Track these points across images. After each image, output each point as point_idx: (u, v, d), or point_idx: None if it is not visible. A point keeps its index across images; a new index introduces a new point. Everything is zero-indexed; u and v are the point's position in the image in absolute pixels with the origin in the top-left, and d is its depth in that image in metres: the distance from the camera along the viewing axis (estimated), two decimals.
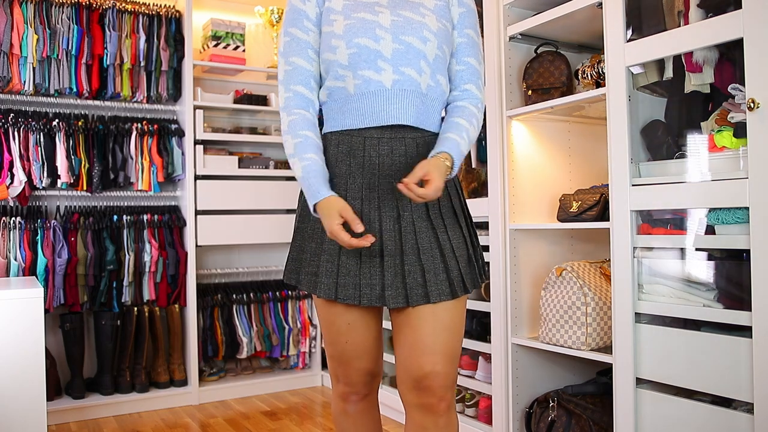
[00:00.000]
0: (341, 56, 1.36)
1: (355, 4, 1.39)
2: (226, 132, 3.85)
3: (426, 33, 1.38)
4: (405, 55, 1.36)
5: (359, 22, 1.36)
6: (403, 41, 1.36)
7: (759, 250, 1.63)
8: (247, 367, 3.90)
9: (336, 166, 1.41)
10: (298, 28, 1.41)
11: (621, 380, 2.00)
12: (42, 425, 2.22)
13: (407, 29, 1.37)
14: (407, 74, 1.36)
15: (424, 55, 1.37)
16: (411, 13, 1.39)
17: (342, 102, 1.40)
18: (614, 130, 2.01)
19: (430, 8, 1.42)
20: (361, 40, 1.35)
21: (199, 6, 3.81)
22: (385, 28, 1.36)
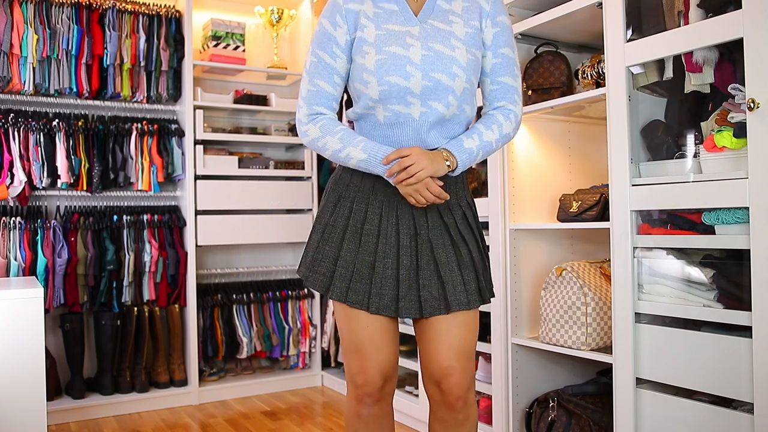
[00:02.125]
0: (372, 91, 1.40)
1: (387, 35, 1.40)
2: (226, 132, 3.85)
3: (455, 69, 1.40)
4: (434, 92, 1.39)
5: (390, 57, 1.38)
6: (432, 78, 1.39)
7: (759, 250, 1.63)
8: (247, 367, 3.90)
9: (362, 180, 1.47)
10: (327, 52, 1.43)
11: (621, 380, 2.00)
12: (42, 425, 2.22)
13: (437, 65, 1.39)
14: (434, 107, 1.40)
15: (452, 90, 1.40)
16: (442, 46, 1.40)
17: (372, 126, 1.46)
18: (614, 130, 2.01)
19: (461, 38, 1.43)
20: (392, 78, 1.38)
21: (199, 6, 3.81)
22: (416, 64, 1.38)
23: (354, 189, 1.48)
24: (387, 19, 1.42)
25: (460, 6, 1.46)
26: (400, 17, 1.42)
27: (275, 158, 3.99)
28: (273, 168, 3.86)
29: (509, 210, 2.46)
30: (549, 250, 2.55)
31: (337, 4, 1.44)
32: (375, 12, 1.42)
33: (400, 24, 1.41)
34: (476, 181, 2.87)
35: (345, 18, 1.42)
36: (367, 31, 1.41)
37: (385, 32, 1.40)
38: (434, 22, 1.42)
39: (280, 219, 3.84)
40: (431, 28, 1.42)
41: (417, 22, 1.42)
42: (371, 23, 1.41)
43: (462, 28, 1.43)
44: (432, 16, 1.43)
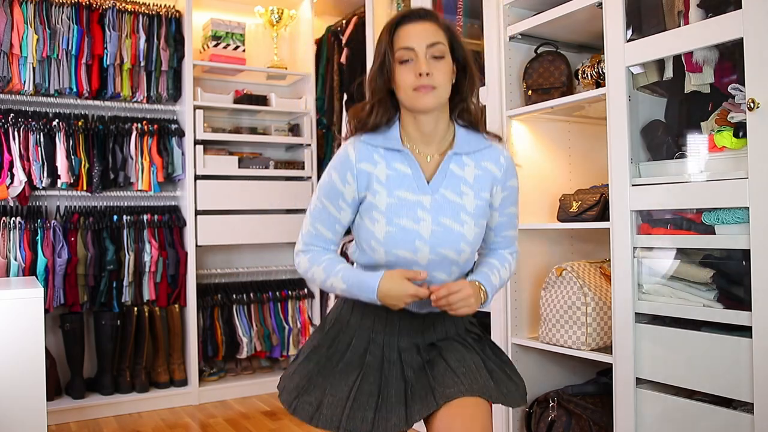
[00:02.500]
0: (379, 257, 1.39)
1: (398, 204, 1.37)
2: (226, 132, 3.85)
3: (463, 245, 1.39)
4: (439, 264, 1.39)
5: (401, 231, 1.36)
6: (439, 253, 1.38)
7: (759, 250, 1.63)
8: (247, 367, 3.90)
9: (362, 320, 1.44)
10: (333, 204, 1.42)
11: (621, 380, 2.00)
12: (42, 425, 2.22)
13: (445, 242, 1.37)
14: (437, 276, 1.40)
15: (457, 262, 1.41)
16: (451, 221, 1.38)
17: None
18: (614, 130, 2.01)
19: (471, 212, 1.40)
20: (400, 251, 1.37)
21: (199, 6, 3.81)
22: (425, 239, 1.36)
23: (353, 327, 1.45)
24: (399, 184, 1.38)
25: (472, 174, 1.42)
26: (413, 184, 1.38)
27: (275, 158, 3.99)
28: (273, 168, 3.86)
29: None
30: (549, 250, 2.55)
31: (349, 161, 1.39)
32: (388, 174, 1.38)
33: (412, 192, 1.38)
34: None
35: (356, 177, 1.38)
36: (378, 197, 1.37)
37: (397, 200, 1.37)
38: (446, 192, 1.39)
39: (280, 219, 3.84)
40: (442, 199, 1.39)
41: (429, 191, 1.38)
42: (383, 189, 1.37)
43: (472, 200, 1.41)
44: (444, 184, 1.40)
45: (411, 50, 1.33)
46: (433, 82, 1.33)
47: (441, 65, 1.35)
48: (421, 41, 1.34)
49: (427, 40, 1.34)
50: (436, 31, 1.36)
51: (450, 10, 2.88)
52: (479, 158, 1.43)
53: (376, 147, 1.39)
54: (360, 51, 3.58)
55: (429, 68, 1.32)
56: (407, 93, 1.34)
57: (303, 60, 4.06)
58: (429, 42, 1.33)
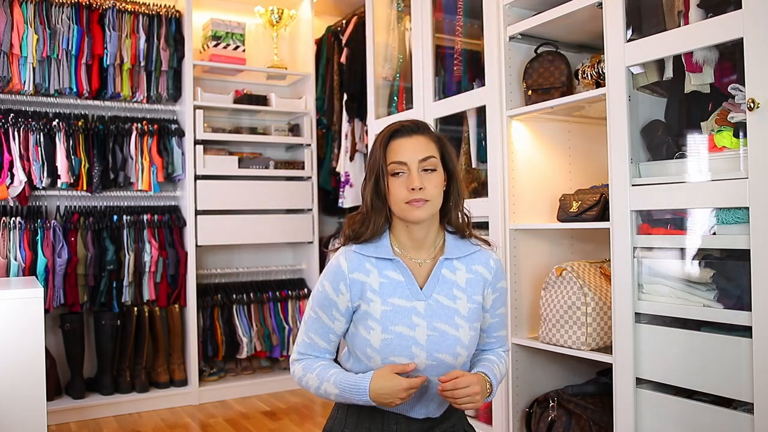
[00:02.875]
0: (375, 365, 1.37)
1: (393, 312, 1.37)
2: (226, 132, 3.85)
3: (459, 349, 1.38)
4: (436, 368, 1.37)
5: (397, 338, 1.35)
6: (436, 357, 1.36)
7: (759, 250, 1.63)
8: (247, 367, 3.90)
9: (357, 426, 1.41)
10: (326, 314, 1.40)
11: (621, 380, 2.00)
12: (42, 425, 2.21)
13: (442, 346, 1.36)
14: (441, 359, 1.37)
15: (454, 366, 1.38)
16: (446, 326, 1.38)
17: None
18: (614, 130, 2.01)
19: (465, 316, 1.40)
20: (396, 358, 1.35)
21: (199, 6, 3.81)
22: (421, 345, 1.36)
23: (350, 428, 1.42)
24: (393, 291, 1.38)
25: (464, 278, 1.43)
26: (406, 291, 1.39)
27: (275, 158, 3.99)
28: (273, 168, 3.86)
29: (509, 210, 2.46)
30: (549, 250, 2.55)
31: (341, 272, 1.39)
32: (381, 282, 1.39)
33: (405, 299, 1.38)
34: (476, 181, 2.87)
35: (349, 288, 1.38)
36: (373, 305, 1.37)
37: (392, 308, 1.37)
38: (439, 297, 1.40)
39: (280, 219, 3.84)
40: (436, 304, 1.39)
41: (423, 297, 1.39)
42: (377, 297, 1.37)
43: (465, 304, 1.41)
44: (437, 289, 1.40)
45: (404, 164, 1.35)
46: (425, 195, 1.34)
47: (433, 178, 1.36)
48: (414, 155, 1.35)
49: (419, 154, 1.35)
50: (428, 145, 1.38)
51: (450, 10, 2.88)
52: (470, 262, 1.44)
53: (368, 257, 1.40)
54: (360, 51, 3.58)
55: (421, 182, 1.33)
56: (400, 206, 1.35)
57: (303, 60, 4.06)
58: (421, 156, 1.35)
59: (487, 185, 2.60)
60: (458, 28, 2.84)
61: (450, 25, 2.88)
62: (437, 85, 2.90)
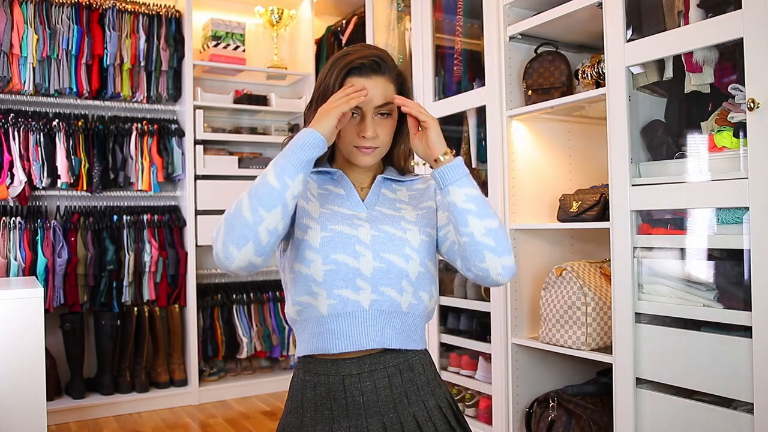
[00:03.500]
0: (316, 272, 1.21)
1: (332, 214, 1.27)
2: (226, 132, 3.85)
3: (408, 250, 1.24)
4: (386, 275, 1.22)
5: (338, 235, 1.23)
6: (384, 259, 1.23)
7: (759, 250, 1.63)
8: (247, 367, 3.90)
9: (317, 411, 1.24)
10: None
11: (621, 380, 2.00)
12: (42, 425, 2.21)
13: (389, 246, 1.24)
14: (387, 294, 1.23)
15: (407, 274, 1.24)
16: (392, 228, 1.26)
17: (314, 323, 1.24)
18: (614, 130, 2.01)
19: (412, 221, 1.29)
20: (339, 256, 1.21)
21: (199, 6, 3.81)
22: (366, 244, 1.23)
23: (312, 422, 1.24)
24: (332, 201, 1.29)
25: (407, 195, 1.34)
26: (347, 201, 1.30)
27: None
28: None
29: (509, 210, 2.46)
30: (549, 250, 2.55)
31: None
32: (320, 193, 1.30)
33: (346, 207, 1.29)
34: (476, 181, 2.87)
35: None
36: (311, 204, 1.26)
37: (330, 212, 1.27)
38: (381, 208, 1.30)
39: None
40: (378, 213, 1.29)
41: (364, 207, 1.29)
42: (316, 200, 1.28)
43: (411, 212, 1.31)
44: (378, 203, 1.31)
45: (358, 108, 1.24)
46: (375, 143, 1.26)
47: (386, 123, 1.27)
48: (370, 101, 1.24)
49: (376, 100, 1.25)
50: (386, 88, 1.27)
51: (450, 10, 2.88)
52: (409, 184, 1.37)
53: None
54: None
55: (374, 130, 1.25)
56: (347, 148, 1.27)
57: (303, 60, 4.06)
58: (378, 103, 1.25)
59: (487, 185, 2.60)
60: (458, 28, 2.84)
61: (450, 25, 2.88)
62: (437, 85, 2.90)
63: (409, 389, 1.25)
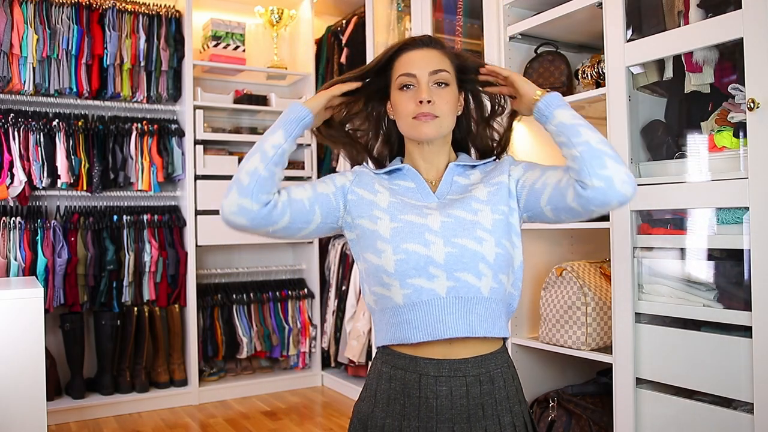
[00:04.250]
0: (387, 262, 1.20)
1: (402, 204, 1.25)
2: (226, 132, 3.85)
3: (480, 232, 1.20)
4: (460, 260, 1.19)
5: (407, 225, 1.21)
6: (456, 244, 1.19)
7: (759, 250, 1.63)
8: (247, 367, 3.90)
9: (389, 404, 1.22)
10: (319, 180, 1.32)
11: (621, 380, 2.00)
12: (42, 425, 2.22)
13: (459, 231, 1.20)
14: (464, 279, 1.19)
15: (482, 257, 1.20)
16: (462, 212, 1.23)
17: (390, 313, 1.22)
18: (614, 130, 2.01)
19: (483, 200, 1.25)
20: (410, 245, 1.19)
21: (199, 6, 3.81)
22: (435, 231, 1.20)
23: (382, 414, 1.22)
24: (403, 192, 1.29)
25: (479, 176, 1.31)
26: (417, 194, 1.29)
27: None
28: None
29: None
30: (549, 250, 2.55)
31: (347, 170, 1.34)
32: (390, 187, 1.30)
33: (416, 199, 1.27)
34: None
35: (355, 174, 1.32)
36: (380, 196, 1.26)
37: (401, 202, 1.26)
38: (453, 196, 1.28)
39: None
40: (449, 201, 1.27)
41: (435, 198, 1.28)
42: (386, 191, 1.28)
43: (483, 189, 1.26)
44: (450, 192, 1.29)
45: (413, 76, 1.25)
46: (434, 110, 1.23)
47: (444, 93, 1.25)
48: (424, 67, 1.25)
49: (430, 66, 1.25)
50: (441, 59, 1.28)
51: (450, 10, 2.88)
52: (484, 168, 1.35)
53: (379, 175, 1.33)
54: (360, 51, 3.58)
55: (431, 96, 1.23)
56: (407, 121, 1.26)
57: (303, 60, 4.06)
58: (432, 68, 1.25)
59: None
60: (458, 28, 2.84)
61: (450, 25, 2.88)
62: None
63: (486, 401, 1.21)
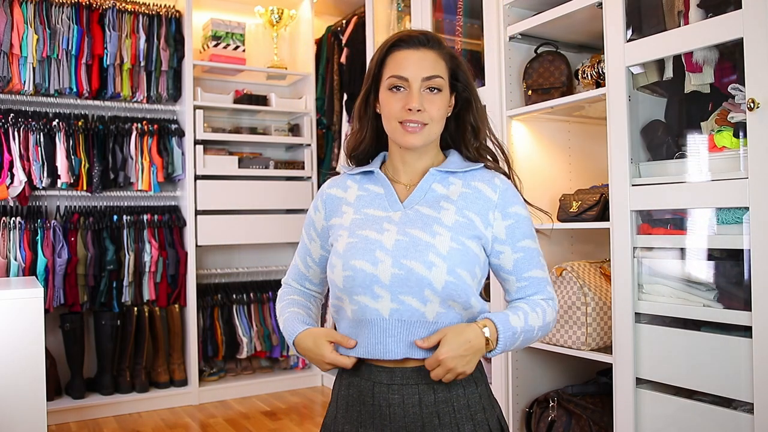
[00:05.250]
0: (337, 277, 1.19)
1: (364, 219, 1.22)
2: (226, 132, 3.85)
3: (432, 257, 1.14)
4: (405, 283, 1.15)
5: (362, 241, 1.18)
6: (403, 265, 1.15)
7: (759, 250, 1.63)
8: (247, 367, 3.90)
9: (347, 410, 1.22)
10: (306, 233, 1.35)
11: (621, 380, 2.00)
12: (42, 425, 2.22)
13: (410, 252, 1.15)
14: (408, 303, 1.15)
15: (429, 283, 1.14)
16: (420, 232, 1.17)
17: (345, 324, 1.23)
18: (614, 130, 2.01)
19: (448, 225, 1.18)
20: (357, 262, 1.16)
21: (199, 6, 3.81)
22: (387, 249, 1.16)
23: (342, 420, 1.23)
24: (369, 203, 1.25)
25: (458, 192, 1.22)
26: (384, 202, 1.24)
27: (275, 158, 3.99)
28: (273, 168, 3.86)
29: None
30: (549, 250, 2.55)
31: (322, 188, 1.33)
32: (358, 195, 1.26)
33: (381, 209, 1.23)
34: None
35: (324, 204, 1.29)
36: (345, 216, 1.25)
37: (363, 216, 1.23)
38: (421, 207, 1.21)
39: (280, 219, 3.84)
40: (414, 213, 1.20)
41: (401, 207, 1.22)
42: (351, 208, 1.25)
43: (452, 215, 1.19)
44: (421, 201, 1.22)
45: (404, 80, 1.18)
46: (423, 118, 1.18)
47: (436, 99, 1.19)
48: (417, 71, 1.18)
49: (424, 71, 1.18)
50: (435, 62, 1.21)
51: (450, 10, 2.88)
52: (468, 178, 1.25)
53: (352, 175, 1.31)
54: (360, 51, 3.58)
55: (421, 103, 1.17)
56: (392, 124, 1.20)
57: (303, 60, 4.06)
58: (426, 74, 1.18)
59: None
60: (458, 28, 2.84)
61: (450, 25, 2.88)
62: None
63: (442, 410, 1.17)
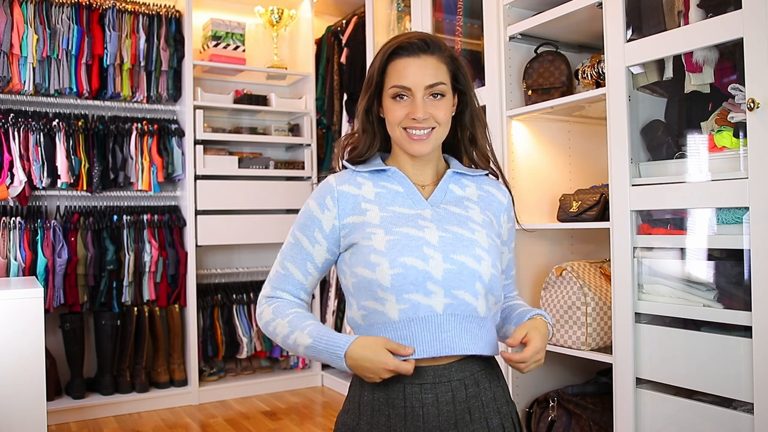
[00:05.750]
0: (383, 277, 1.14)
1: (394, 216, 1.19)
2: (226, 132, 3.85)
3: (479, 251, 1.17)
4: (458, 277, 1.15)
5: (404, 238, 1.16)
6: (455, 260, 1.15)
7: (759, 250, 1.63)
8: (247, 367, 3.90)
9: (373, 416, 1.18)
10: (307, 236, 1.23)
11: (621, 380, 2.00)
12: (42, 425, 2.22)
13: (458, 247, 1.16)
14: (461, 298, 1.16)
15: (480, 276, 1.17)
16: (460, 229, 1.19)
17: (381, 328, 1.17)
18: (614, 130, 2.01)
19: (479, 222, 1.22)
20: (407, 259, 1.14)
21: (199, 6, 3.81)
22: (434, 246, 1.15)
23: (366, 427, 1.18)
24: (392, 200, 1.22)
25: (476, 194, 1.27)
26: (407, 200, 1.22)
27: (275, 158, 3.99)
28: (273, 168, 3.86)
29: None
30: (549, 250, 2.55)
31: (329, 185, 1.23)
32: (377, 192, 1.22)
33: (407, 207, 1.21)
34: None
35: (337, 202, 1.21)
36: (370, 214, 1.19)
37: (392, 214, 1.19)
38: (448, 206, 1.23)
39: (280, 219, 3.84)
40: (445, 211, 1.21)
41: (428, 205, 1.22)
42: (374, 205, 1.20)
43: (479, 214, 1.24)
44: (444, 200, 1.24)
45: (407, 89, 1.19)
46: (430, 123, 1.19)
47: (441, 104, 1.20)
48: (420, 80, 1.18)
49: (426, 79, 1.18)
50: (437, 68, 1.20)
51: (450, 10, 2.88)
52: (480, 182, 1.29)
53: (360, 172, 1.25)
54: (360, 51, 3.58)
55: (426, 111, 1.18)
56: (396, 131, 1.21)
57: (303, 60, 4.06)
58: (429, 82, 1.18)
59: None
60: (458, 28, 2.84)
61: (450, 25, 2.88)
62: None
63: (473, 405, 1.18)
